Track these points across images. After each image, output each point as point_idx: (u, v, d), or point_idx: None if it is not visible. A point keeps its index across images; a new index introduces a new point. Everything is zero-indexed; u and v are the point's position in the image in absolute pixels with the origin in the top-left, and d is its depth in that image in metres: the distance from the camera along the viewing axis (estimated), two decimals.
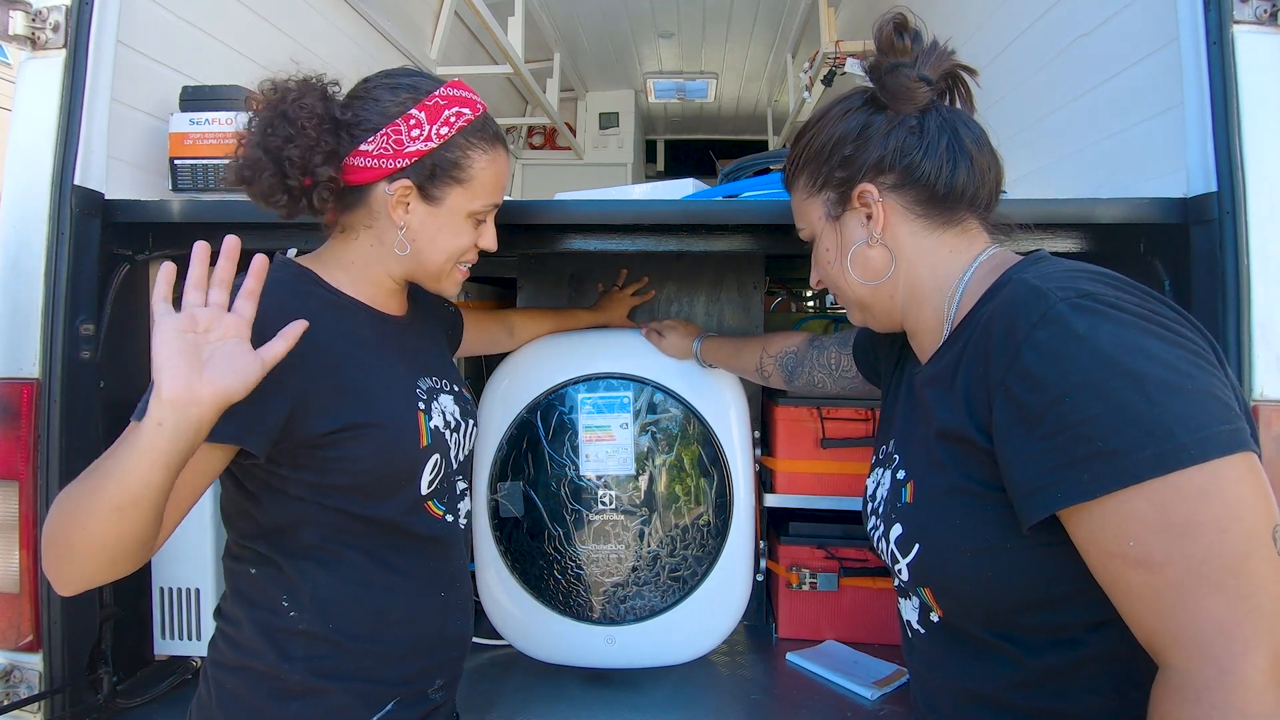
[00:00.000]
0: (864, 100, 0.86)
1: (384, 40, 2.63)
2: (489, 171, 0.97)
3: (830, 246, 0.88)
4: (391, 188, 0.93)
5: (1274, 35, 1.13)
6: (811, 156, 0.88)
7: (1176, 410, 0.59)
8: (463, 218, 0.97)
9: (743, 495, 1.44)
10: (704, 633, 1.46)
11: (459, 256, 1.00)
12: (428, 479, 0.97)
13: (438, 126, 0.93)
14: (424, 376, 1.02)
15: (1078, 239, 1.29)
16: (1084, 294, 0.65)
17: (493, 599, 1.47)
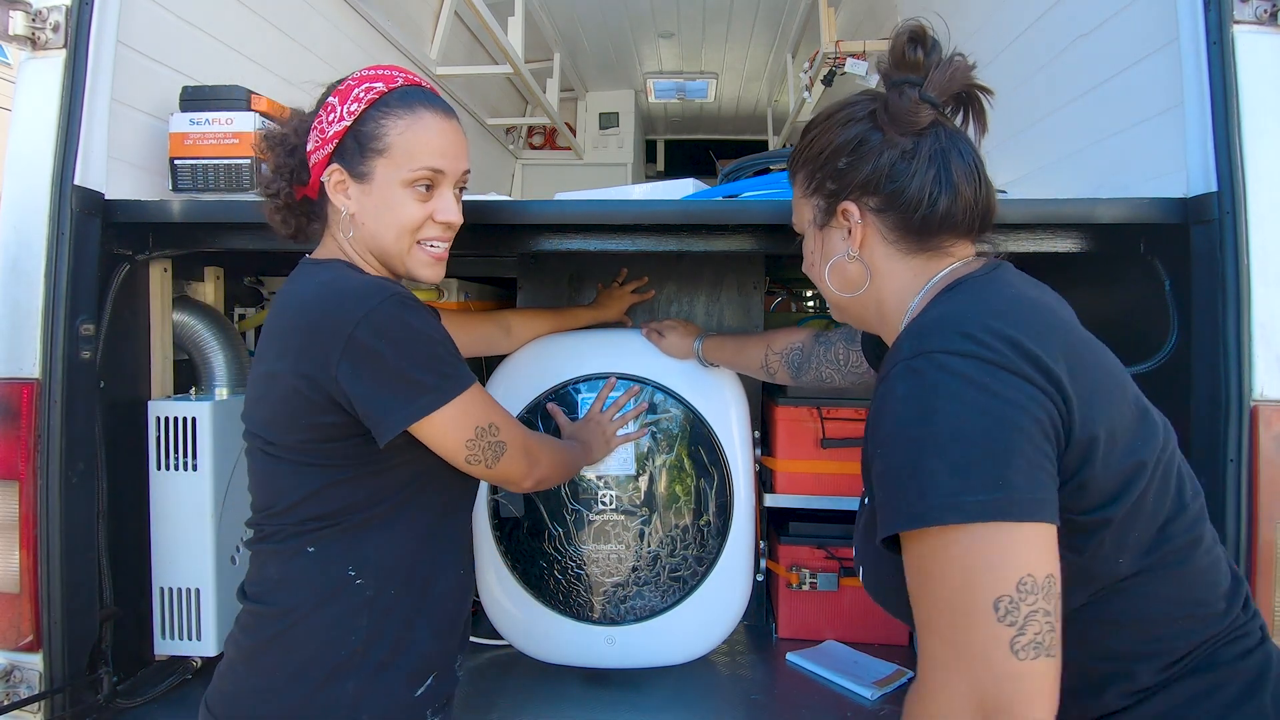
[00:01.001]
0: (868, 111, 0.85)
1: (384, 40, 2.63)
2: (408, 136, 0.96)
3: (813, 250, 0.92)
4: (326, 174, 0.97)
5: (1274, 35, 1.13)
6: (810, 158, 0.89)
7: (937, 476, 0.65)
8: (397, 188, 0.96)
9: (743, 495, 1.44)
10: (704, 633, 1.46)
11: (411, 230, 0.98)
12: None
13: (349, 105, 0.96)
14: None
15: (1078, 239, 1.29)
16: (922, 353, 0.70)
17: (493, 599, 1.47)
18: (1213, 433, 1.12)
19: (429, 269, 1.02)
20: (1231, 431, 1.10)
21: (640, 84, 4.80)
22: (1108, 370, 0.72)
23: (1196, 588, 0.72)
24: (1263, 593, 1.09)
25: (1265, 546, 1.09)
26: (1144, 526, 0.70)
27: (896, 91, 0.83)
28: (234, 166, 1.41)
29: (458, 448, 0.94)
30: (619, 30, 3.98)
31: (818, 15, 3.10)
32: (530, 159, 4.92)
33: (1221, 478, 1.11)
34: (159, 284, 1.46)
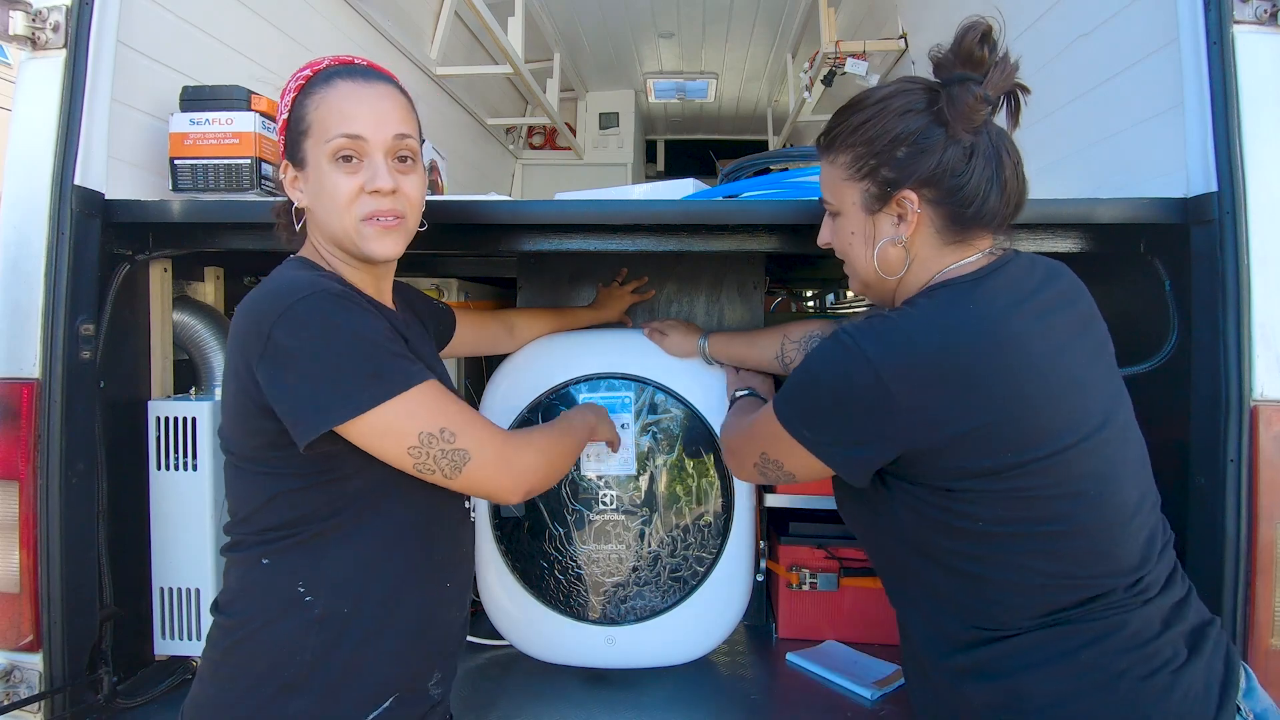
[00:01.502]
0: (926, 103, 0.90)
1: (384, 40, 2.63)
2: (323, 109, 0.94)
3: (856, 231, 0.96)
4: (281, 172, 1.00)
5: (1274, 35, 1.13)
6: (862, 142, 0.92)
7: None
8: (325, 165, 0.94)
9: (743, 495, 1.44)
10: (705, 633, 1.46)
11: (346, 205, 0.93)
12: None
13: (285, 100, 0.98)
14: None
15: (1078, 239, 1.29)
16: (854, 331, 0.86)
17: (493, 599, 1.47)
18: (1213, 433, 1.12)
19: (379, 242, 0.95)
20: (1231, 431, 1.10)
21: (640, 84, 4.80)
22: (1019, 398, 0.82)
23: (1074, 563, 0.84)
24: (1262, 593, 1.09)
25: (1265, 546, 1.09)
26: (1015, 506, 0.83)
27: (961, 88, 0.87)
28: (234, 166, 1.41)
29: (401, 456, 0.88)
30: (619, 30, 3.98)
31: (818, 15, 3.10)
32: (530, 159, 4.92)
33: (1221, 478, 1.11)
34: (159, 284, 1.46)
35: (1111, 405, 0.89)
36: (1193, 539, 1.17)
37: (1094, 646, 0.82)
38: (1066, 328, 0.89)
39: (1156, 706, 0.80)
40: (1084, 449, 0.83)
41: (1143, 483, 0.90)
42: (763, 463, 0.99)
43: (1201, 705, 0.81)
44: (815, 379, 0.89)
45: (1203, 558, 1.14)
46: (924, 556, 0.90)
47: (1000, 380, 0.82)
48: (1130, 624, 0.83)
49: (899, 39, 2.76)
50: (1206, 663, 0.84)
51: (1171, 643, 0.83)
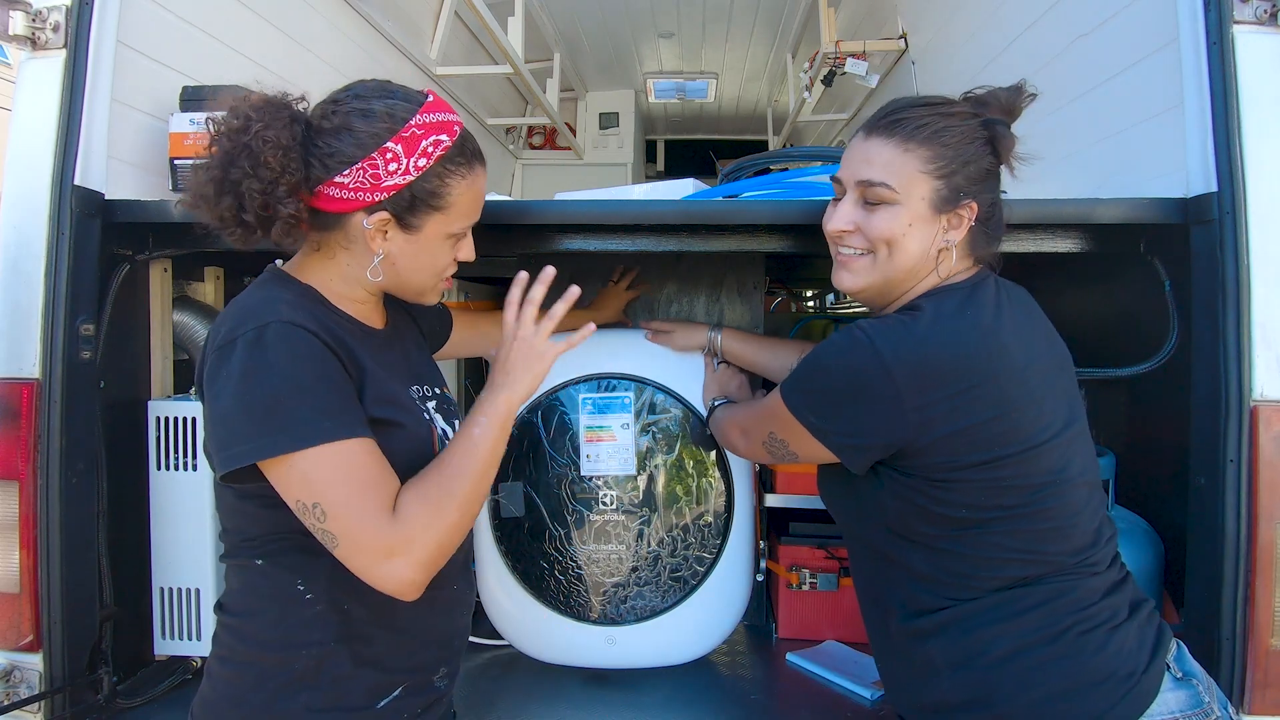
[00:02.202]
0: (985, 135, 0.98)
1: (384, 40, 2.63)
2: (468, 196, 0.96)
3: (915, 224, 0.98)
4: (370, 220, 0.91)
5: (1274, 35, 1.13)
6: (948, 144, 0.97)
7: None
8: (441, 240, 0.97)
9: (743, 495, 1.44)
10: (705, 633, 1.46)
11: (441, 275, 1.01)
12: None
13: (415, 159, 0.90)
14: (414, 386, 1.03)
15: (1078, 239, 1.29)
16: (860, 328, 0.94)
17: (493, 599, 1.47)
18: (1213, 433, 1.12)
19: (439, 296, 1.05)
20: (1231, 431, 1.10)
21: (640, 84, 4.81)
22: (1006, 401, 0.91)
23: (1036, 540, 0.93)
24: (1262, 593, 1.09)
25: (1265, 546, 1.09)
26: (991, 494, 0.92)
27: (1005, 129, 0.99)
28: None
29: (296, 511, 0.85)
30: (619, 30, 3.98)
31: (818, 15, 3.10)
32: (530, 159, 4.92)
33: (1221, 478, 1.11)
34: (159, 284, 1.46)
35: (1072, 412, 0.98)
36: (1193, 539, 1.17)
37: (1043, 607, 0.92)
38: (1036, 344, 0.98)
39: (1094, 656, 0.90)
40: (1051, 446, 0.93)
41: (1092, 479, 0.99)
42: (770, 440, 1.06)
43: (1134, 658, 0.92)
44: (826, 369, 0.97)
45: (1203, 558, 1.14)
46: (902, 538, 0.97)
47: (993, 385, 0.91)
48: (1076, 590, 0.93)
49: (899, 39, 2.76)
50: (1139, 627, 0.94)
51: (1110, 607, 0.94)
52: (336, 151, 0.89)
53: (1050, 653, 0.91)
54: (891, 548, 0.99)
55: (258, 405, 0.82)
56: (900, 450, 0.92)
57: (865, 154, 0.99)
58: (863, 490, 0.99)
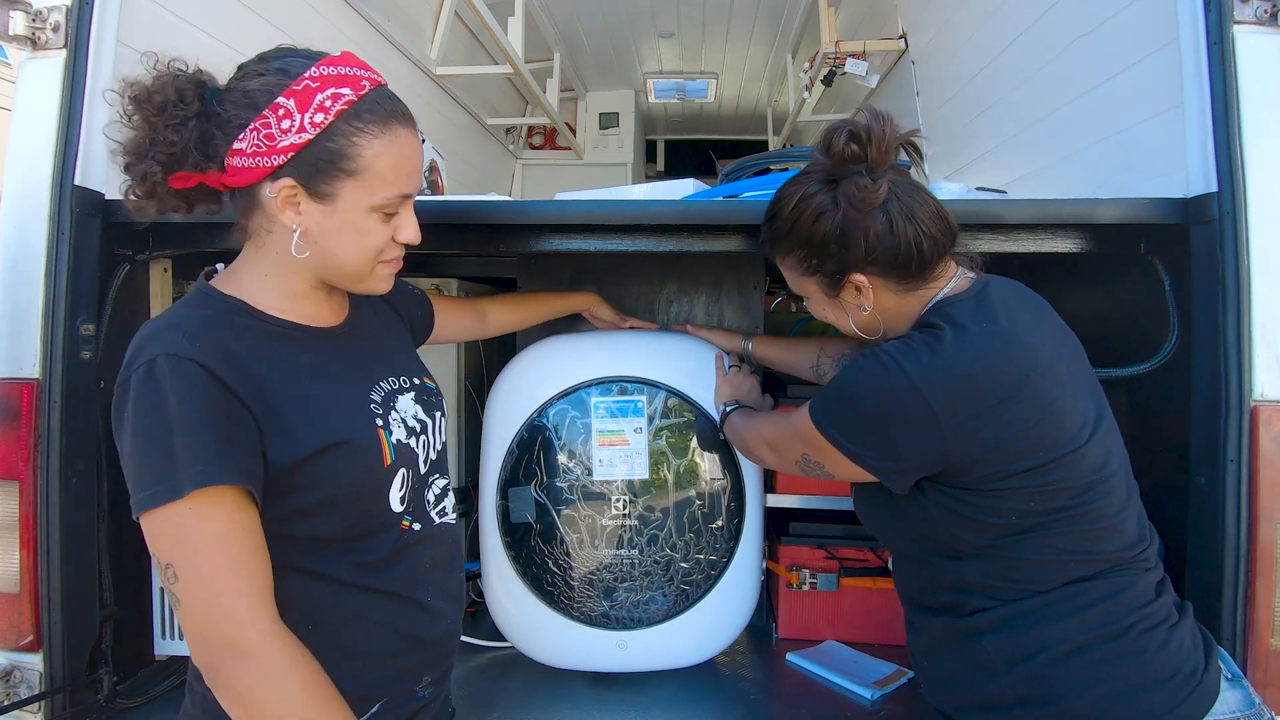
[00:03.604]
0: (832, 201, 0.99)
1: (384, 40, 2.63)
2: (385, 159, 0.86)
3: (829, 311, 1.08)
4: (274, 188, 0.84)
5: (1274, 35, 1.13)
6: (796, 246, 1.03)
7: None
8: (365, 213, 0.87)
9: (753, 498, 1.44)
10: (715, 635, 1.46)
11: (375, 255, 0.91)
12: (397, 497, 0.93)
13: (310, 114, 0.82)
14: (379, 382, 0.97)
15: (1078, 239, 1.29)
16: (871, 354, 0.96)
17: (502, 605, 1.46)
18: (1213, 433, 1.12)
19: (386, 281, 0.95)
20: (1231, 431, 1.10)
21: (640, 84, 4.81)
22: (1045, 402, 0.91)
23: (1089, 540, 0.93)
24: (1262, 593, 1.09)
25: (1265, 546, 1.09)
26: (1039, 499, 0.91)
27: (849, 182, 0.97)
28: None
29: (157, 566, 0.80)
30: (619, 30, 3.98)
31: (818, 15, 3.10)
32: (530, 159, 4.92)
33: (1221, 478, 1.11)
34: (159, 284, 1.46)
35: (1101, 404, 0.99)
36: (1193, 539, 1.17)
37: (1105, 603, 0.92)
38: (1052, 338, 0.98)
39: (1159, 653, 0.91)
40: (1093, 443, 0.93)
41: (1127, 471, 1.00)
42: (804, 462, 1.06)
43: (1194, 657, 0.93)
44: (853, 394, 0.97)
45: (1203, 558, 1.14)
46: (950, 549, 0.97)
47: (1027, 388, 0.91)
48: (1135, 586, 0.94)
49: (899, 39, 2.76)
50: (1191, 626, 0.96)
51: (1165, 606, 0.95)
52: (231, 116, 0.84)
53: (1114, 649, 0.90)
54: (936, 557, 0.99)
55: (151, 451, 0.77)
56: (946, 468, 0.92)
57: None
58: (905, 506, 0.98)
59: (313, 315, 0.94)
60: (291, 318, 0.91)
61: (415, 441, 0.97)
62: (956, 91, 2.22)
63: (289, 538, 0.87)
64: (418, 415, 1.00)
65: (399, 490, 0.93)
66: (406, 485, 0.95)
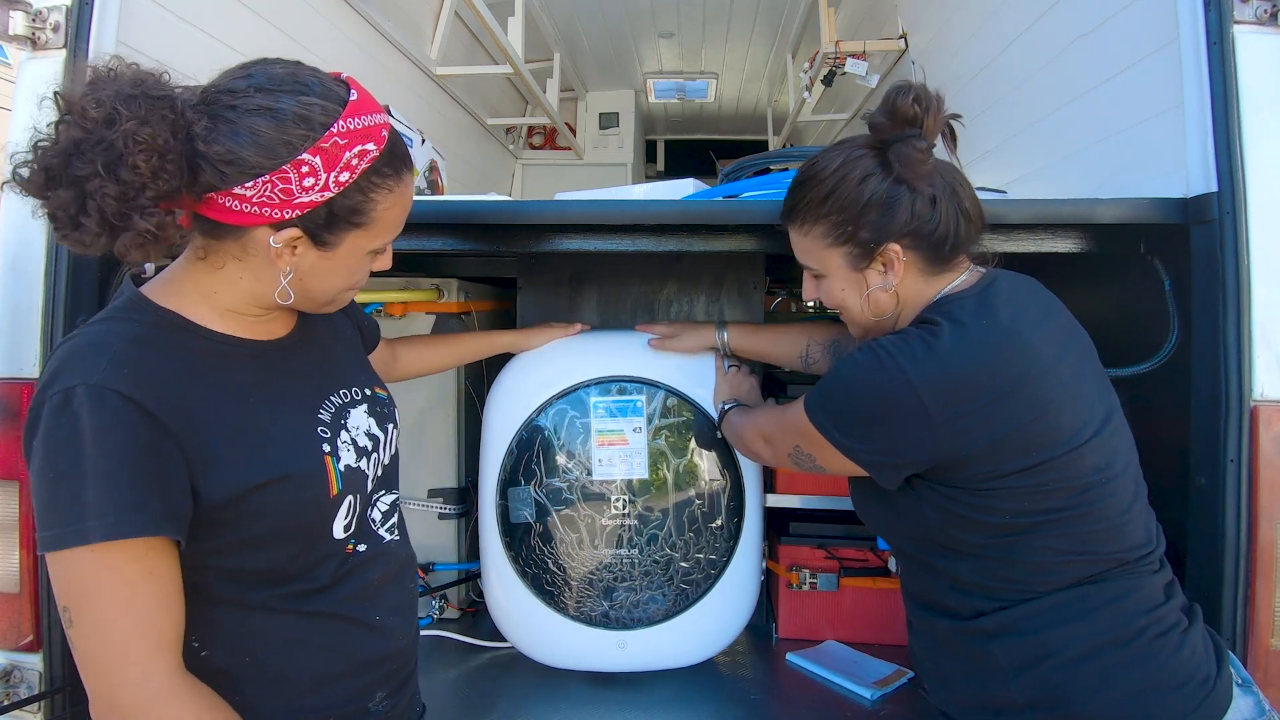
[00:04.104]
0: (879, 165, 0.98)
1: (384, 40, 2.63)
2: (395, 210, 0.85)
3: (848, 288, 1.03)
4: (278, 238, 0.79)
5: (1274, 35, 1.13)
6: (834, 211, 1.00)
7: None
8: (361, 257, 0.86)
9: (753, 498, 1.44)
10: (715, 635, 1.46)
11: (351, 288, 0.90)
12: (341, 525, 0.88)
13: (336, 173, 0.77)
14: (328, 397, 0.92)
15: (1078, 239, 1.29)
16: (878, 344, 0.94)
17: (502, 605, 1.46)
18: (1213, 433, 1.12)
19: (343, 304, 0.94)
20: (1231, 431, 1.10)
21: (640, 84, 4.81)
22: (1041, 402, 0.90)
23: (1091, 542, 0.91)
24: (1262, 593, 1.09)
25: (1265, 547, 1.09)
26: (1036, 499, 0.90)
27: (906, 145, 0.96)
28: None
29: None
30: (619, 30, 3.98)
31: (818, 15, 3.11)
32: (530, 159, 4.92)
33: (1221, 478, 1.11)
34: None
35: (1110, 404, 0.97)
36: (1193, 539, 1.16)
37: (1113, 605, 0.91)
38: (1059, 335, 0.97)
39: (1172, 658, 0.89)
40: (1094, 444, 0.91)
41: (1136, 472, 0.98)
42: (796, 454, 1.05)
43: (1206, 662, 0.91)
44: (848, 388, 0.96)
45: (1203, 558, 1.14)
46: (945, 548, 0.96)
47: (1024, 388, 0.89)
48: (1142, 589, 0.92)
49: (899, 39, 2.76)
50: (1202, 631, 0.95)
51: (1174, 610, 0.94)
52: (238, 160, 0.74)
53: (1127, 654, 0.89)
54: (934, 557, 0.98)
55: (59, 492, 0.71)
56: (937, 464, 0.92)
57: (792, 242, 1.08)
58: (899, 503, 0.98)
59: (258, 329, 0.88)
60: (233, 332, 0.85)
61: (365, 462, 0.92)
62: (956, 91, 2.22)
63: (221, 570, 0.81)
64: (370, 430, 0.94)
65: (344, 518, 0.88)
66: (353, 512, 0.90)
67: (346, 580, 0.90)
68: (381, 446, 0.97)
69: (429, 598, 1.73)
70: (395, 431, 1.02)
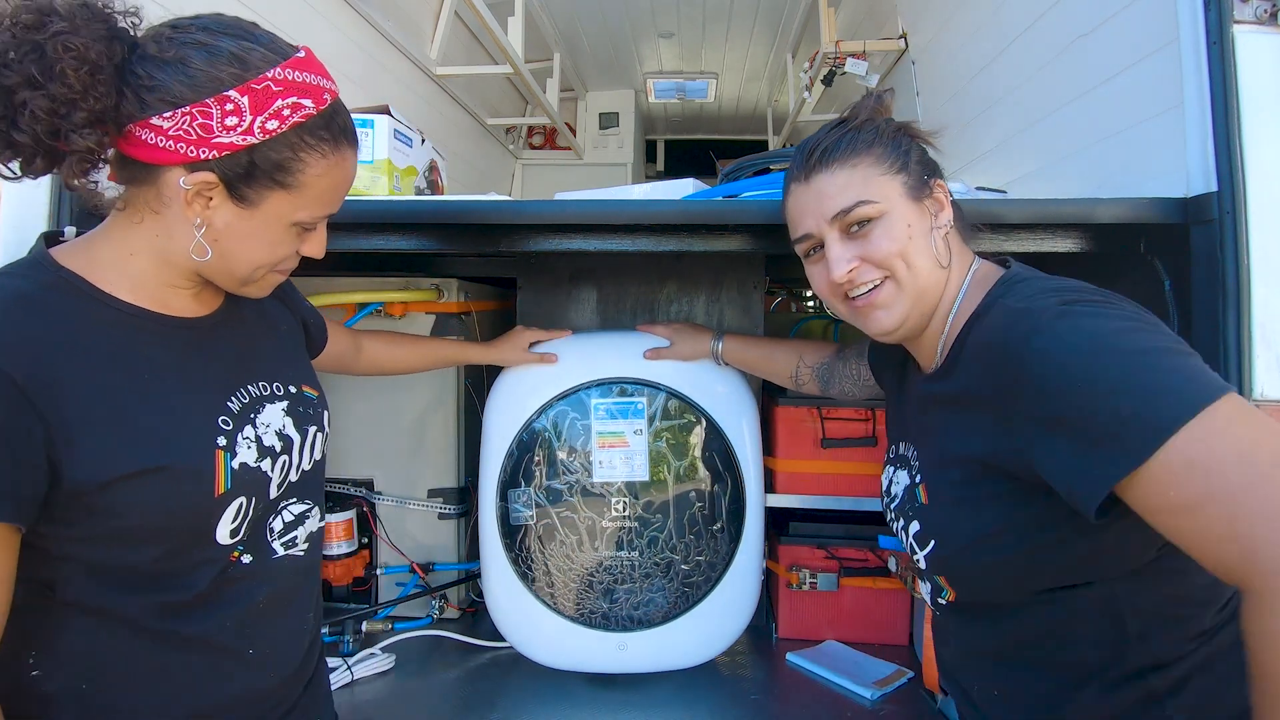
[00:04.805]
0: (897, 128, 0.94)
1: (384, 40, 2.63)
2: (327, 180, 0.79)
3: (914, 223, 0.89)
4: (189, 180, 0.73)
5: (1274, 35, 1.13)
6: (883, 140, 0.91)
7: (1168, 373, 0.67)
8: (285, 227, 0.79)
9: (754, 500, 1.44)
10: (715, 636, 1.46)
11: (273, 266, 0.82)
12: (228, 529, 0.80)
13: (264, 119, 0.73)
14: (241, 388, 0.85)
15: (1078, 239, 1.29)
16: (1066, 302, 0.75)
17: (502, 605, 1.46)
18: None
19: (267, 292, 0.86)
20: None
21: (640, 84, 4.81)
22: None
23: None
24: None
25: None
26: None
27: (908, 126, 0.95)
28: None
29: None
30: (619, 30, 3.98)
31: (818, 15, 3.11)
32: (530, 159, 4.92)
33: None
34: None
35: None
36: None
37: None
38: None
39: None
40: None
41: None
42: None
43: None
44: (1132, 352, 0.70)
45: None
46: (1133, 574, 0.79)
47: None
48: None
49: (899, 39, 2.76)
50: None
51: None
52: (159, 85, 0.71)
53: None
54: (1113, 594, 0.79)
55: None
56: None
57: (819, 194, 0.91)
58: (1099, 534, 0.76)
59: (174, 304, 0.82)
60: (145, 304, 0.79)
61: (270, 464, 0.85)
62: (956, 91, 2.22)
63: (83, 564, 0.74)
64: (283, 430, 0.88)
65: (232, 521, 0.80)
66: (244, 515, 0.82)
67: (225, 595, 0.82)
68: (296, 449, 0.89)
69: (429, 598, 1.73)
70: (320, 436, 0.95)
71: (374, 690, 1.46)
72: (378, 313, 1.69)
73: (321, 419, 0.96)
